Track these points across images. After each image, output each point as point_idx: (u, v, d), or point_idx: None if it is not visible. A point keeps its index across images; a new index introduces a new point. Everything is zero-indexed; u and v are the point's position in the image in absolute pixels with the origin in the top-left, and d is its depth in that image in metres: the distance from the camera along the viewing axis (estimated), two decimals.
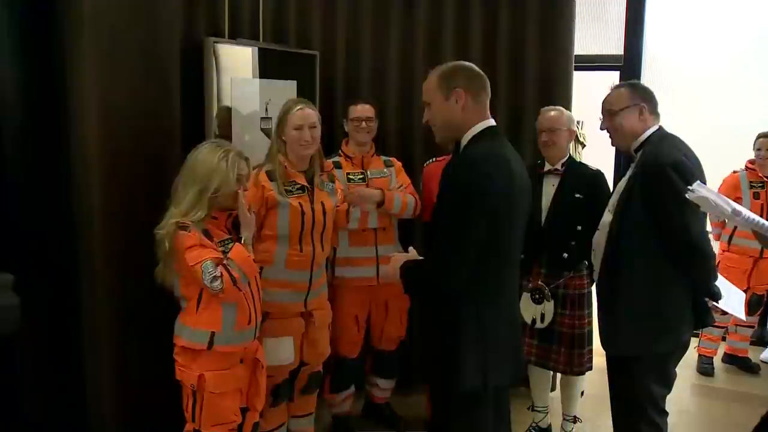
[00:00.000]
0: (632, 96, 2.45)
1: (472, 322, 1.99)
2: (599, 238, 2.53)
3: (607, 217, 2.51)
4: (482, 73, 2.09)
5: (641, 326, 2.34)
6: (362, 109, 3.12)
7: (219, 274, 2.16)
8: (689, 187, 1.55)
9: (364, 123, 3.10)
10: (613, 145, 2.57)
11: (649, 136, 2.42)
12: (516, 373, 2.18)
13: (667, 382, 2.46)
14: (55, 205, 2.35)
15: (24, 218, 2.27)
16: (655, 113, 2.47)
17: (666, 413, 2.48)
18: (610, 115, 2.48)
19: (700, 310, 2.42)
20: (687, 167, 2.28)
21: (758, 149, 4.19)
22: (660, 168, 2.25)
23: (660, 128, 2.46)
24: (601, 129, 2.56)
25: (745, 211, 1.40)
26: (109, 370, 2.50)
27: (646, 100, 2.45)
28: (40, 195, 2.33)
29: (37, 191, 2.32)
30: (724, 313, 2.90)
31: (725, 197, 1.53)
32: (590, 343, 3.14)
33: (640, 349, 2.36)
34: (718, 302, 2.44)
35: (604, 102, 2.53)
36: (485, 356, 2.00)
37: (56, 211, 2.35)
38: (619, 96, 2.47)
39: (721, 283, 2.46)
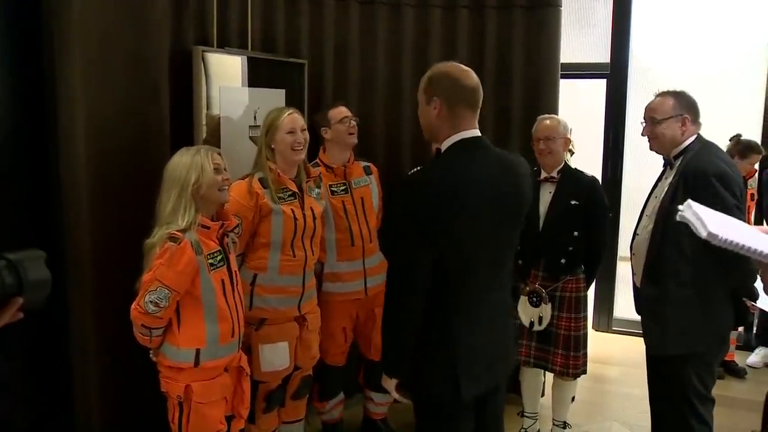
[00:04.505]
0: (677, 106, 2.50)
1: (441, 333, 1.96)
2: (639, 243, 2.61)
3: (646, 222, 2.59)
4: (471, 84, 2.02)
5: (688, 327, 2.42)
6: (345, 110, 3.02)
7: (164, 306, 2.13)
8: (679, 207, 1.56)
9: (352, 121, 2.99)
10: (651, 149, 2.62)
11: (689, 145, 2.49)
12: (497, 382, 2.13)
13: (712, 376, 2.55)
14: (43, 212, 2.35)
15: (11, 225, 2.26)
16: (696, 123, 2.53)
17: (712, 401, 2.55)
18: (652, 123, 2.53)
19: (739, 310, 2.50)
20: (730, 177, 2.37)
21: (751, 163, 4.29)
22: (705, 178, 2.31)
23: (698, 136, 2.52)
24: (642, 135, 2.61)
25: (726, 234, 1.38)
26: (97, 379, 2.49)
27: (690, 110, 2.51)
28: (28, 202, 2.33)
29: (25, 198, 2.32)
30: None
31: (712, 217, 1.49)
32: (585, 346, 3.18)
33: (687, 348, 2.44)
34: (756, 302, 2.51)
35: (647, 108, 2.57)
36: (455, 367, 1.95)
37: (44, 219, 2.34)
38: (664, 105, 2.51)
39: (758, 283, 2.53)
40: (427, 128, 2.08)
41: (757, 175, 4.39)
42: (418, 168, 3.35)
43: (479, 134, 2.02)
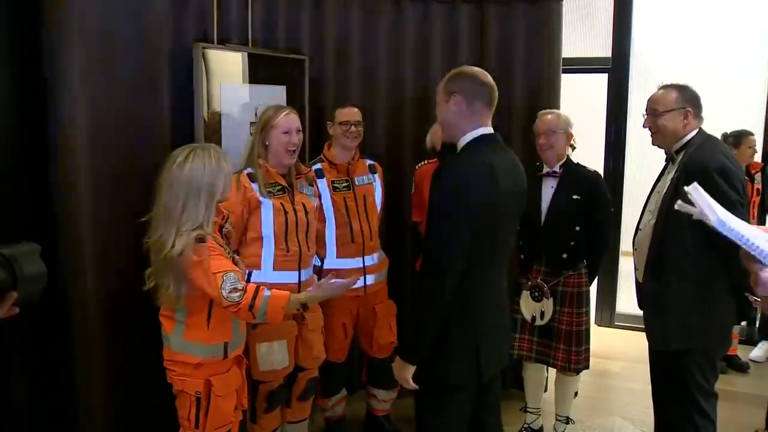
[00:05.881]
0: (680, 99, 2.49)
1: (462, 316, 2.05)
2: (642, 238, 2.60)
3: (647, 217, 2.59)
4: (488, 82, 2.14)
5: (690, 321, 2.41)
6: (350, 113, 3.07)
7: (241, 288, 2.11)
8: (686, 188, 1.56)
9: (353, 127, 3.05)
10: (653, 144, 2.61)
11: (691, 139, 2.48)
12: (504, 363, 2.30)
13: (714, 371, 2.53)
14: (43, 209, 2.34)
15: (10, 223, 2.25)
16: (699, 117, 2.52)
17: (715, 396, 2.54)
18: (654, 114, 2.53)
19: (742, 304, 2.49)
20: (732, 172, 2.35)
21: (749, 147, 4.27)
22: (706, 172, 2.29)
23: (700, 130, 2.52)
24: (644, 126, 2.61)
25: (732, 224, 1.37)
26: (100, 375, 2.49)
27: (692, 104, 2.50)
28: (28, 199, 2.32)
29: (25, 195, 2.31)
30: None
31: (720, 207, 1.49)
32: (588, 341, 3.18)
33: (689, 343, 2.43)
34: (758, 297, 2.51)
35: (650, 100, 2.57)
36: (477, 349, 2.07)
37: (44, 217, 2.34)
38: (667, 97, 2.51)
39: None
40: (445, 125, 2.18)
41: (761, 169, 4.39)
42: (425, 161, 3.35)
43: (493, 131, 2.15)
